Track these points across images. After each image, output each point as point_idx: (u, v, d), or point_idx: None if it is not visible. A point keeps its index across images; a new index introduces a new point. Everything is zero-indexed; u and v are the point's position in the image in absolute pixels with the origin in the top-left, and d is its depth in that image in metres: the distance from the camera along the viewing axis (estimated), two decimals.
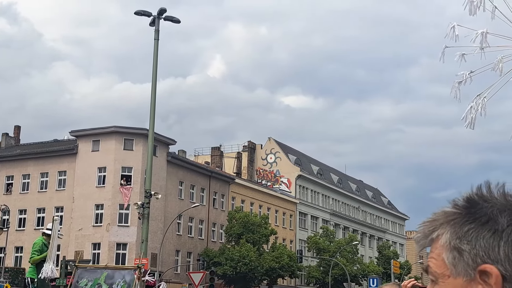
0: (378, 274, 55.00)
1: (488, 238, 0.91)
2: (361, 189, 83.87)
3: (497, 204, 0.95)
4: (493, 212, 0.94)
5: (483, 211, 0.95)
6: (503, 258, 0.90)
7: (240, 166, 67.94)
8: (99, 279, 10.62)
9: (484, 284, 0.89)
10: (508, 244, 0.90)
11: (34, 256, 11.16)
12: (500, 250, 0.90)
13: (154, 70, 22.84)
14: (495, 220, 0.93)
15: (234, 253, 46.37)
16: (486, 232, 0.92)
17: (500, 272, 0.89)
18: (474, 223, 0.94)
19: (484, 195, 0.98)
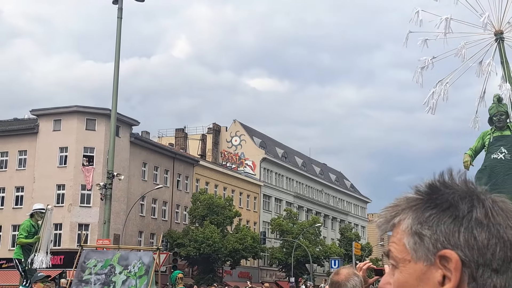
0: (339, 256, 55.82)
1: (449, 224, 0.92)
2: (324, 172, 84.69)
3: (458, 191, 0.96)
4: (454, 198, 0.95)
5: (444, 197, 0.95)
6: (463, 243, 0.91)
7: (204, 148, 67.68)
8: (111, 260, 9.88)
9: (444, 269, 0.91)
10: (468, 230, 0.91)
11: (21, 238, 11.08)
12: (460, 236, 0.91)
13: (117, 49, 22.41)
14: (456, 207, 0.94)
15: (198, 234, 46.39)
16: (447, 218, 0.93)
17: (460, 257, 0.90)
18: (436, 209, 0.94)
19: (446, 181, 0.98)
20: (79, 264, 10.08)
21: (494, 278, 0.90)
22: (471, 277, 0.90)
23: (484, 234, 0.91)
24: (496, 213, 0.94)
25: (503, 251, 0.91)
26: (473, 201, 0.94)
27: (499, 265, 0.90)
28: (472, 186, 0.98)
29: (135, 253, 10.53)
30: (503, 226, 0.92)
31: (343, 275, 3.32)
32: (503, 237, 0.91)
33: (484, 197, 0.96)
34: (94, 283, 9.72)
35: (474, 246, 0.91)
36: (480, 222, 0.92)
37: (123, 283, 9.62)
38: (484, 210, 0.93)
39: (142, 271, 9.63)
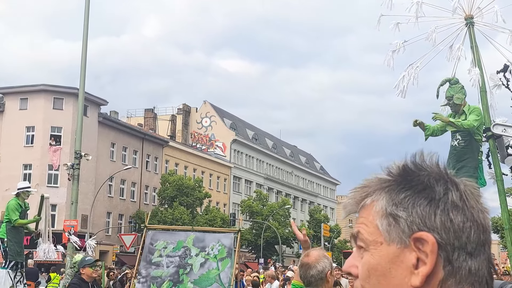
0: (308, 237, 56.36)
1: (425, 206, 0.91)
2: (295, 155, 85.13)
3: (433, 173, 0.95)
4: (430, 180, 0.94)
5: (419, 179, 0.94)
6: (439, 226, 0.90)
7: (174, 129, 67.24)
8: (185, 242, 9.19)
9: (418, 252, 0.90)
10: (444, 213, 0.91)
11: (16, 219, 10.89)
12: (437, 218, 0.90)
13: (85, 27, 21.93)
14: (432, 189, 0.93)
15: (167, 216, 46.26)
16: (422, 200, 0.92)
17: (436, 239, 0.89)
18: (411, 191, 0.93)
19: (418, 163, 0.97)
20: (146, 246, 9.35)
21: (469, 261, 0.90)
22: (447, 260, 0.89)
23: (460, 217, 0.91)
24: (469, 197, 0.93)
25: (477, 234, 0.91)
26: (447, 184, 0.93)
27: (473, 248, 0.90)
28: (444, 168, 0.96)
29: (212, 235, 9.83)
30: (476, 209, 0.93)
31: (313, 257, 3.34)
32: (477, 220, 0.92)
33: (457, 180, 0.95)
34: (167, 265, 9.08)
35: (450, 228, 0.90)
36: (456, 205, 0.91)
37: (201, 265, 8.99)
38: (459, 193, 0.93)
39: (223, 253, 9.00)
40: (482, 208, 0.94)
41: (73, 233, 21.02)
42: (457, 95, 7.02)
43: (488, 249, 0.92)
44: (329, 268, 3.30)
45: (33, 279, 21.97)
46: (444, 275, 0.89)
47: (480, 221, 0.92)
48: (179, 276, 8.86)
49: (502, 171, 6.67)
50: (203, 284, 8.71)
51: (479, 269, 0.90)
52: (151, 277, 8.92)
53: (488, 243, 0.93)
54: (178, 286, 8.76)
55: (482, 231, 0.92)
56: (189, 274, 8.83)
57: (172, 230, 11.04)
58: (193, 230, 9.85)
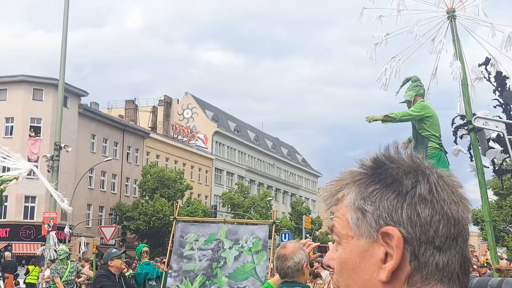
0: (290, 229, 56.62)
1: (392, 200, 0.90)
2: (277, 147, 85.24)
3: (403, 166, 0.93)
4: (398, 173, 0.92)
5: (388, 172, 0.93)
6: (406, 220, 0.89)
7: (155, 121, 66.83)
8: (217, 234, 8.86)
9: (387, 246, 0.89)
10: (411, 207, 0.89)
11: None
12: (403, 212, 0.89)
13: (65, 18, 21.65)
14: (400, 182, 0.91)
15: (147, 208, 46.07)
16: (390, 193, 0.91)
17: (402, 234, 0.88)
18: (379, 184, 0.92)
19: (391, 155, 0.95)
20: (176, 239, 9.00)
21: (437, 256, 0.88)
22: (413, 254, 0.88)
23: (428, 210, 0.89)
24: (441, 188, 0.91)
25: (446, 228, 0.89)
26: (417, 176, 0.91)
27: (442, 242, 0.88)
28: (418, 160, 0.94)
29: (245, 227, 9.49)
30: (448, 202, 0.90)
31: (289, 249, 3.37)
32: (447, 213, 0.89)
33: (429, 172, 0.92)
34: (199, 259, 8.75)
35: (417, 223, 0.88)
36: (423, 198, 0.89)
37: (236, 258, 8.64)
38: (428, 186, 0.90)
39: (258, 246, 8.63)
40: (457, 199, 0.91)
41: (52, 227, 20.82)
42: (408, 92, 7.20)
43: (462, 243, 0.90)
44: (305, 260, 3.34)
45: (11, 272, 21.76)
46: (411, 270, 0.88)
47: (451, 214, 0.89)
48: (213, 269, 8.61)
49: (483, 163, 6.73)
50: (239, 278, 8.47)
51: (448, 264, 0.89)
52: (184, 271, 8.66)
53: (462, 236, 0.90)
54: (212, 280, 8.54)
55: (453, 224, 0.89)
56: (223, 268, 8.59)
57: (202, 222, 10.72)
58: (225, 222, 9.51)
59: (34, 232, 40.61)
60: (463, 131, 6.83)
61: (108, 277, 7.79)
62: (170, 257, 9.02)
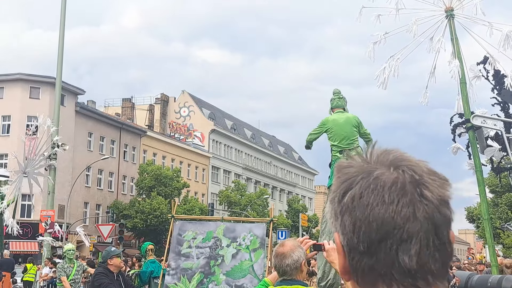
0: (287, 227, 56.67)
1: (334, 208, 0.94)
2: (273, 145, 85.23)
3: (350, 172, 0.93)
4: (340, 181, 0.94)
5: (339, 179, 0.94)
6: (339, 229, 0.92)
7: (152, 119, 66.75)
8: (215, 232, 8.81)
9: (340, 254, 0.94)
10: (340, 215, 0.92)
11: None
12: (337, 221, 0.92)
13: (62, 16, 21.61)
14: (338, 192, 0.94)
15: (144, 206, 46.03)
16: (334, 202, 0.94)
17: (340, 240, 0.92)
18: (333, 191, 0.95)
19: (352, 161, 0.94)
20: (174, 237, 8.98)
21: (365, 260, 0.89)
22: (348, 258, 0.92)
23: (350, 218, 0.90)
24: (372, 191, 0.89)
25: (367, 234, 0.88)
26: (352, 183, 0.91)
27: (366, 247, 0.88)
28: (370, 162, 0.92)
29: (243, 225, 9.51)
30: (373, 205, 0.88)
31: (288, 247, 3.38)
32: (368, 218, 0.88)
33: (366, 175, 0.90)
34: (197, 257, 8.71)
35: (344, 231, 0.91)
36: (347, 206, 0.90)
37: (233, 256, 8.63)
38: (354, 192, 0.90)
39: (256, 244, 8.62)
40: (390, 200, 0.87)
41: (49, 225, 20.76)
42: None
43: (392, 244, 0.87)
44: (304, 258, 3.35)
45: (8, 270, 21.72)
46: (351, 273, 0.92)
47: (372, 218, 0.88)
48: (211, 267, 8.60)
49: (481, 161, 6.77)
50: (236, 276, 8.46)
51: (376, 268, 0.88)
52: (181, 269, 8.65)
53: (391, 238, 0.87)
54: (210, 278, 8.52)
55: (376, 229, 0.87)
56: (220, 266, 8.58)
57: (200, 220, 10.73)
58: (222, 220, 9.54)
59: (31, 230, 40.55)
60: (461, 130, 6.87)
61: (106, 275, 7.78)
62: (168, 255, 8.97)
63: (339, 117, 8.32)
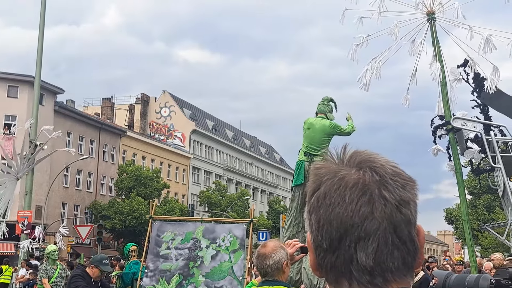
0: (267, 228, 56.71)
1: (307, 208, 0.97)
2: (255, 145, 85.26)
3: (322, 173, 0.96)
4: (312, 181, 0.97)
5: (311, 180, 0.97)
6: (308, 227, 0.96)
7: (132, 119, 66.31)
8: (194, 233, 8.67)
9: None
10: (309, 215, 0.96)
11: None
12: (307, 220, 0.96)
13: (42, 14, 21.35)
14: (309, 192, 0.97)
15: (124, 206, 45.68)
16: (308, 203, 0.97)
17: (310, 239, 0.96)
18: (308, 192, 0.99)
19: (325, 161, 0.98)
20: (152, 238, 8.84)
21: (328, 257, 0.93)
22: (315, 255, 0.95)
23: (315, 217, 0.94)
24: (335, 190, 0.92)
25: (328, 232, 0.92)
26: (320, 183, 0.94)
27: (327, 245, 0.92)
28: (339, 163, 0.96)
29: (222, 226, 9.40)
30: (334, 204, 0.92)
31: (269, 248, 3.37)
32: (329, 217, 0.92)
33: (332, 176, 0.94)
34: (176, 258, 8.58)
35: (312, 229, 0.95)
36: (313, 206, 0.94)
37: (213, 258, 8.51)
38: (320, 192, 0.94)
39: (235, 245, 8.51)
40: (351, 199, 0.91)
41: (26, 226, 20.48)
42: None
43: (350, 242, 0.90)
44: (286, 259, 3.34)
45: None
46: (320, 270, 0.96)
47: (333, 217, 0.91)
48: (189, 269, 8.49)
49: (461, 163, 6.83)
50: (216, 277, 8.37)
51: (337, 265, 0.92)
52: (160, 271, 8.53)
53: (350, 236, 0.90)
54: (189, 279, 8.40)
55: (336, 227, 0.91)
56: (200, 267, 8.48)
57: (179, 221, 10.65)
58: (202, 221, 9.41)
59: (8, 231, 39.99)
60: (442, 131, 6.93)
61: (83, 277, 7.61)
62: (146, 256, 8.88)
63: (317, 122, 8.85)
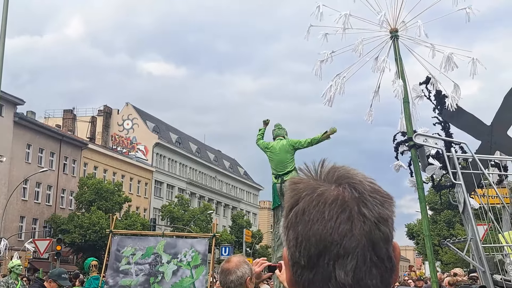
0: (230, 243, 56.43)
1: (282, 223, 0.97)
2: (219, 159, 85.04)
3: (300, 188, 0.95)
4: (289, 197, 0.96)
5: (288, 195, 0.97)
6: (285, 243, 0.96)
7: (94, 131, 65.41)
8: (155, 248, 8.49)
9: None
10: (286, 230, 0.95)
11: None
12: (284, 235, 0.96)
13: (3, 24, 20.92)
14: (286, 207, 0.97)
15: (84, 220, 44.85)
16: (283, 218, 0.97)
17: (287, 254, 0.96)
18: (285, 207, 0.98)
19: (303, 178, 0.97)
20: (112, 253, 8.64)
21: (305, 274, 0.92)
22: (292, 272, 0.95)
23: (293, 233, 0.93)
24: (314, 207, 0.92)
25: (307, 249, 0.91)
26: (298, 199, 0.94)
27: (306, 262, 0.91)
28: (318, 179, 0.95)
29: (184, 240, 9.16)
30: (314, 221, 0.91)
31: (233, 263, 3.35)
32: (308, 234, 0.91)
33: (311, 191, 0.93)
34: (136, 273, 8.38)
35: (289, 245, 0.94)
36: (292, 222, 0.93)
37: (174, 273, 8.33)
38: (298, 208, 0.93)
39: (197, 260, 8.36)
40: (329, 216, 0.90)
41: None
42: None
43: (329, 259, 0.90)
44: (249, 274, 3.32)
45: None
46: (297, 286, 0.94)
47: (312, 233, 0.90)
48: (150, 284, 8.35)
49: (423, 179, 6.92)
50: None
51: (314, 282, 0.91)
52: (120, 286, 8.37)
53: (328, 253, 0.90)
54: None
55: (314, 244, 0.90)
56: (160, 283, 8.33)
57: (140, 235, 10.47)
58: (163, 235, 9.25)
59: None
60: (404, 147, 7.01)
61: None
62: (106, 271, 8.71)
63: (276, 144, 9.61)
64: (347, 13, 7.23)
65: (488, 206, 6.36)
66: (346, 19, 7.21)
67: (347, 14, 7.22)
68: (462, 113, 7.06)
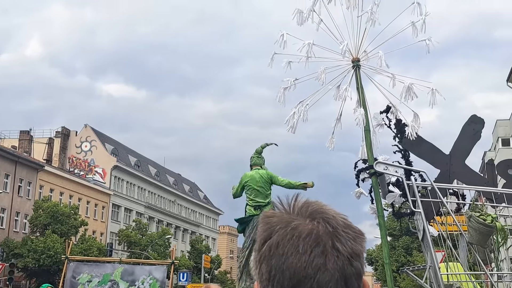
0: (189, 268, 55.66)
1: (254, 257, 0.98)
2: (178, 183, 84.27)
3: (273, 222, 0.95)
4: (261, 230, 0.96)
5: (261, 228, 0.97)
6: (257, 276, 0.96)
7: (51, 153, 64.02)
8: (112, 275, 8.47)
9: None
10: (258, 264, 0.96)
11: None
12: (256, 269, 0.96)
13: None
14: (258, 241, 0.97)
15: (38, 244, 43.56)
16: (255, 251, 0.99)
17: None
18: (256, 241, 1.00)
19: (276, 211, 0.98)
20: (67, 279, 8.56)
21: None
22: None
23: (266, 266, 0.93)
24: (288, 240, 0.92)
25: (280, 282, 0.91)
26: (272, 232, 0.94)
27: None
28: (291, 213, 0.95)
29: (142, 267, 9.16)
30: (287, 254, 0.91)
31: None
32: (282, 267, 0.91)
33: (284, 225, 0.93)
34: None
35: (261, 278, 0.94)
36: (265, 255, 0.93)
37: None
38: (272, 241, 0.93)
39: (155, 287, 8.40)
40: (303, 250, 0.90)
41: None
42: None
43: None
44: None
45: None
46: None
47: (285, 267, 0.90)
48: None
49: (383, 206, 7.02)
50: None
51: None
52: None
53: (302, 286, 0.89)
54: None
55: (289, 277, 0.90)
56: None
57: (96, 262, 10.36)
58: (120, 262, 9.22)
59: None
60: (365, 175, 7.10)
61: None
62: None
63: (256, 173, 9.56)
64: (310, 42, 7.36)
65: (447, 233, 6.48)
66: (309, 48, 7.33)
67: (310, 43, 7.35)
68: (422, 142, 7.21)
